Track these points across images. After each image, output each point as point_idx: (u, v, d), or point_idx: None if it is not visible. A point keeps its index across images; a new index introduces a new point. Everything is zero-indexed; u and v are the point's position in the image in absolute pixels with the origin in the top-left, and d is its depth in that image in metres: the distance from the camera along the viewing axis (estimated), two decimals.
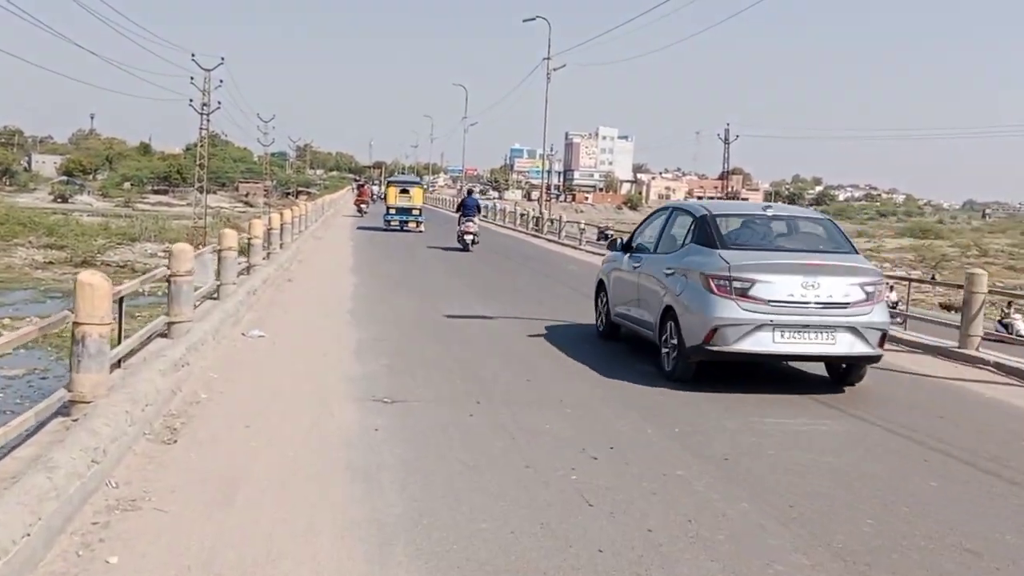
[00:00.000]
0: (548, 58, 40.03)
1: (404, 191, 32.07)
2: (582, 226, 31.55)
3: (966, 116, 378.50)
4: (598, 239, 30.60)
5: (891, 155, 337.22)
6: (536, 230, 37.40)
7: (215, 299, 11.15)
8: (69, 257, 35.45)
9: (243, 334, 9.86)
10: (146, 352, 7.49)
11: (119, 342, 6.93)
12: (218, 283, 11.25)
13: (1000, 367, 9.93)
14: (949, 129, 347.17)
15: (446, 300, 14.22)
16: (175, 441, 5.71)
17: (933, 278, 32.28)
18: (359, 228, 33.04)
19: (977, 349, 10.51)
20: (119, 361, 6.80)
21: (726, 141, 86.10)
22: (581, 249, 28.02)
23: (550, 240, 33.37)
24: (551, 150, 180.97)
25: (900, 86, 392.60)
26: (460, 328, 11.25)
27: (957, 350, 10.66)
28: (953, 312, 36.53)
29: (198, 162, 62.34)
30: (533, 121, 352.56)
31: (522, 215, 43.54)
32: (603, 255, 14.21)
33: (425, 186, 44.46)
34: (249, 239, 14.32)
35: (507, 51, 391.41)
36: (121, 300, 6.98)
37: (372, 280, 16.43)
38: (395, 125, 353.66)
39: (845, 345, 8.02)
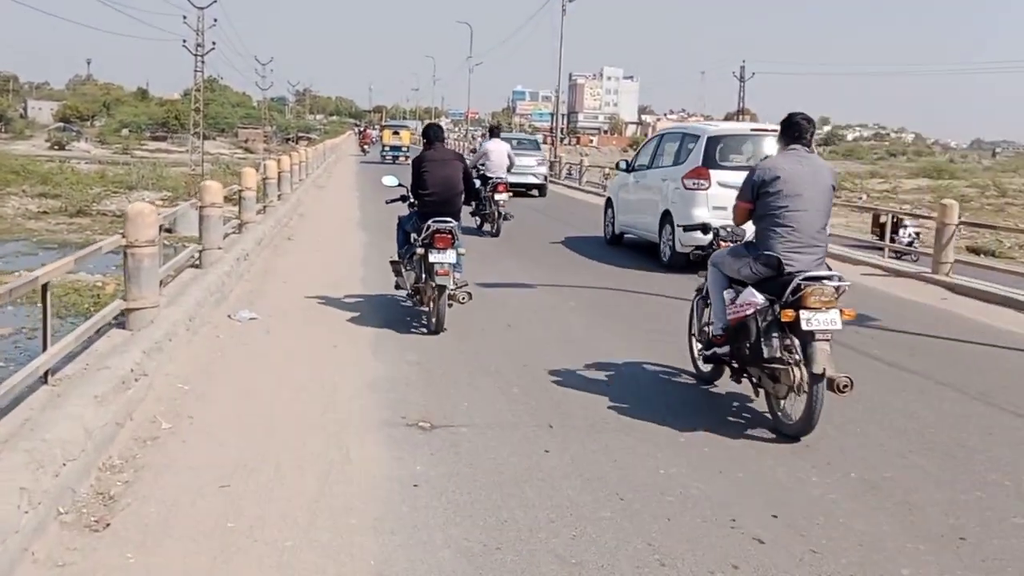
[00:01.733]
0: None
1: (396, 133, 40.77)
2: (606, 171, 28.88)
3: (973, 53, 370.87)
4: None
5: (899, 94, 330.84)
6: (552, 176, 35.05)
7: (197, 267, 9.06)
8: (64, 207, 33.78)
9: (229, 316, 7.75)
10: (89, 358, 5.39)
11: (43, 347, 4.85)
12: (200, 248, 9.13)
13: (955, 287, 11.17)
14: (956, 65, 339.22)
15: (471, 262, 12.11)
16: (105, 526, 3.65)
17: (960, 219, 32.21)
18: (362, 163, 34.77)
19: (948, 274, 11.55)
20: (45, 375, 4.73)
21: (741, 79, 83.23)
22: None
23: (569, 187, 31.05)
24: (556, 92, 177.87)
25: (908, 23, 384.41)
26: (498, 302, 9.12)
27: (930, 275, 11.83)
28: (981, 256, 34.73)
29: (193, 106, 59.81)
30: (536, 63, 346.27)
31: None
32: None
33: (413, 129, 48.17)
34: (240, 191, 12.14)
35: None
36: (45, 288, 4.89)
37: (384, 238, 14.28)
38: (396, 68, 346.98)
39: None
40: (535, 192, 24.93)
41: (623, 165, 14.40)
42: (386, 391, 5.81)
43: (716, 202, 10.83)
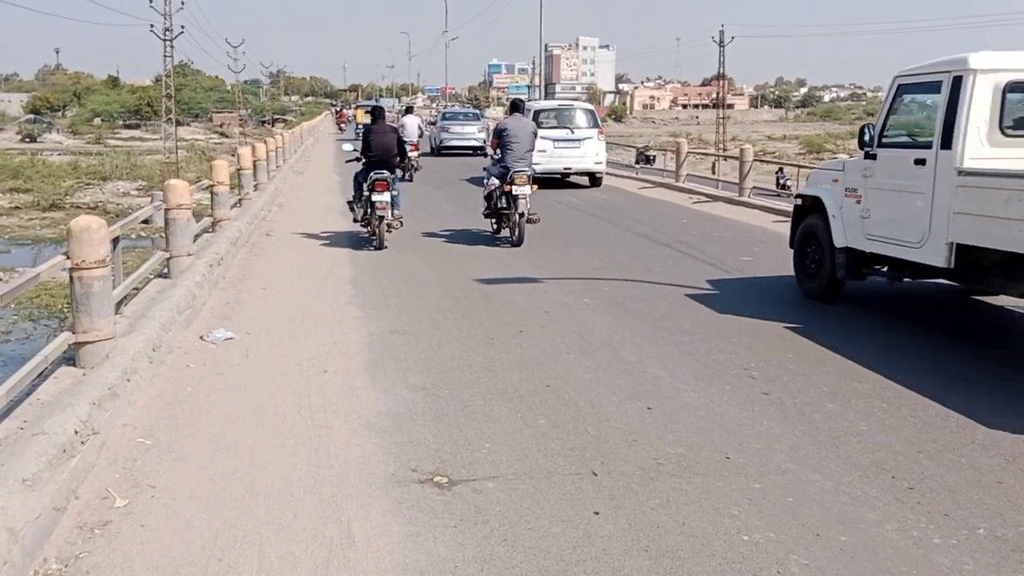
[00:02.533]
0: None
1: (368, 112, 40.67)
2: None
3: (944, 8, 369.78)
4: (637, 162, 25.45)
5: (873, 53, 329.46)
6: None
7: (165, 276, 8.06)
8: (36, 201, 32.67)
9: (202, 338, 6.75)
10: (28, 410, 4.40)
11: None
12: (167, 255, 8.11)
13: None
14: (929, 21, 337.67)
15: (464, 252, 11.15)
16: None
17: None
18: (339, 141, 32.33)
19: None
20: None
21: (721, 44, 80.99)
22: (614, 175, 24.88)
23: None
24: (533, 64, 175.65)
25: None
26: (502, 301, 8.18)
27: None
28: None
29: (164, 93, 58.22)
30: (511, 35, 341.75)
31: None
32: (647, 182, 21.01)
33: (389, 107, 52.11)
34: (211, 186, 11.09)
35: None
36: None
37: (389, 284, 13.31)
38: (370, 45, 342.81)
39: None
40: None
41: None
42: (389, 431, 4.86)
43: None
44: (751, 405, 5.31)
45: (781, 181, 22.96)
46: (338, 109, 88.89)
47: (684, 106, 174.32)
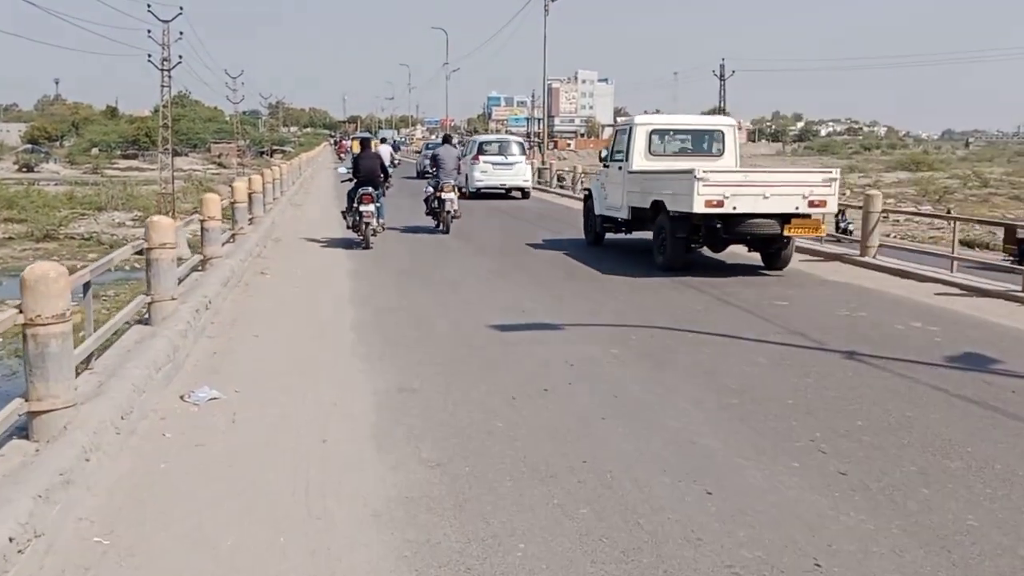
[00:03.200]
0: None
1: (359, 142, 44.31)
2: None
3: (940, 43, 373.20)
4: None
5: (869, 88, 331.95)
6: (540, 183, 33.25)
7: (145, 323, 7.24)
8: (30, 231, 32.55)
9: (183, 398, 5.90)
10: None
11: None
12: (148, 300, 7.29)
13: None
14: (924, 56, 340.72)
15: (475, 291, 10.36)
16: None
17: (948, 211, 31.93)
18: (338, 171, 33.40)
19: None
20: None
21: (721, 78, 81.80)
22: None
23: (563, 195, 29.25)
24: (532, 97, 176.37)
25: (877, 15, 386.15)
26: (523, 352, 7.36)
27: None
28: (976, 249, 33.40)
29: (161, 123, 57.79)
30: (510, 68, 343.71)
31: None
32: None
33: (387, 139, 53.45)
34: (202, 221, 10.30)
35: None
36: None
37: (372, 264, 12.48)
38: (370, 77, 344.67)
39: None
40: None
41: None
42: (402, 525, 4.01)
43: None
44: (829, 489, 4.48)
45: (842, 225, 19.57)
46: (337, 140, 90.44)
47: None
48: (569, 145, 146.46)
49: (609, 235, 14.70)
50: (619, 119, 22.47)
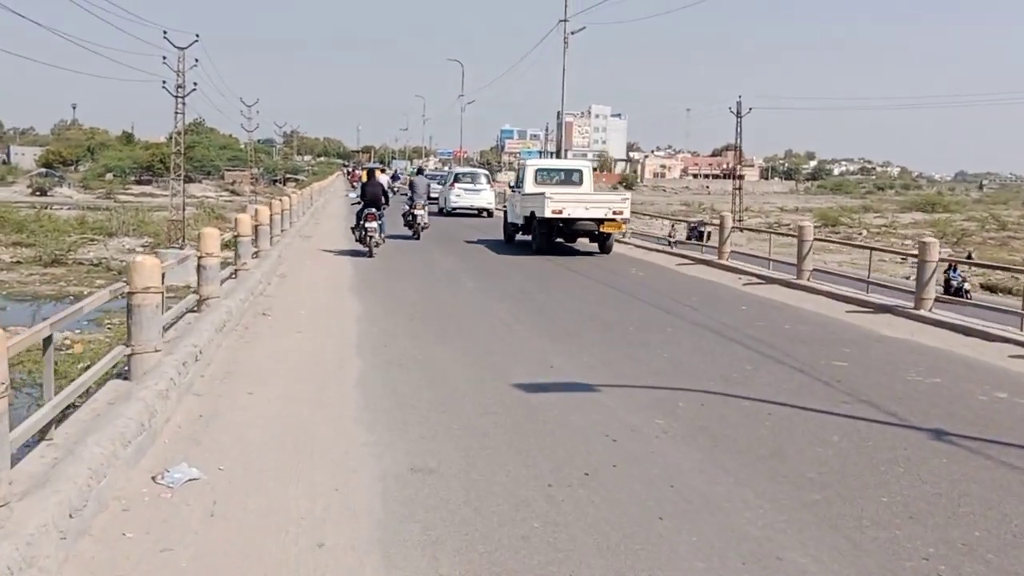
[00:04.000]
0: (565, 20, 34.90)
1: (367, 171, 45.89)
2: (657, 222, 25.96)
3: (954, 85, 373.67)
4: (689, 238, 24.35)
5: (883, 128, 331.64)
6: None
7: (125, 378, 6.29)
8: (38, 256, 32.04)
9: (155, 479, 4.92)
10: None
11: None
12: (128, 351, 6.34)
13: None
14: (938, 98, 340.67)
15: (499, 341, 9.38)
16: None
17: (969, 256, 32.82)
18: (352, 201, 35.19)
19: (930, 310, 11.61)
20: None
21: (738, 115, 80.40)
22: (645, 248, 23.22)
23: None
24: (546, 130, 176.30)
25: (889, 58, 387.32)
26: (554, 422, 6.35)
27: (794, 280, 14.20)
28: (999, 294, 32.22)
29: (173, 149, 57.34)
30: (523, 101, 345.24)
31: None
32: (686, 258, 19.19)
33: (382, 168, 58.23)
34: (200, 259, 9.37)
35: (500, 28, 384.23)
36: None
37: (384, 310, 11.52)
38: (384, 107, 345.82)
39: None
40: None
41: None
42: None
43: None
44: None
45: (954, 283, 19.15)
46: (351, 169, 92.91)
47: (695, 175, 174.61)
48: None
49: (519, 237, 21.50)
50: (521, 160, 33.44)
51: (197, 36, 56.36)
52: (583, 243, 20.00)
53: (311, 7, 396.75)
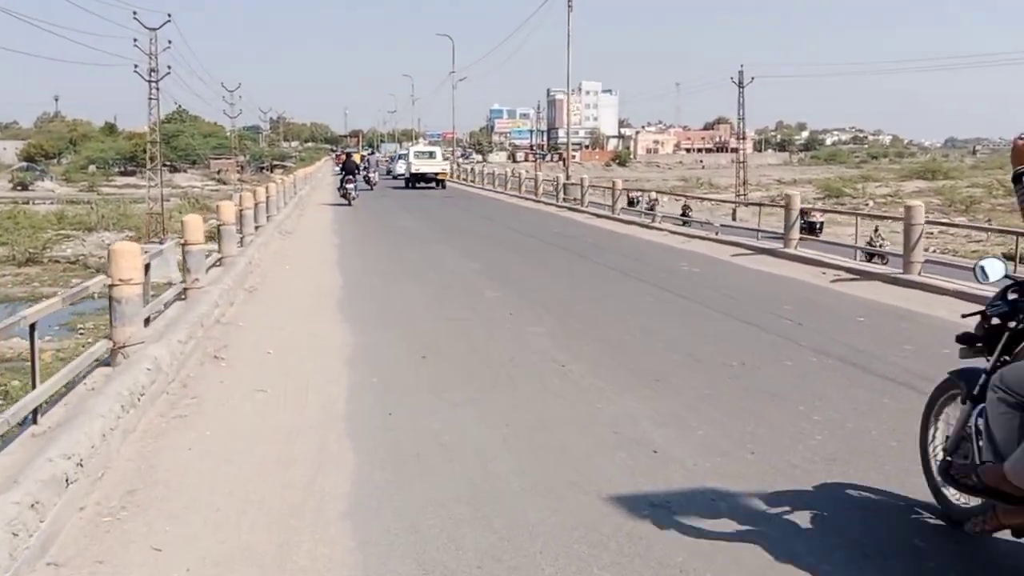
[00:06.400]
0: None
1: (349, 156, 48.15)
2: (654, 198, 22.90)
3: (939, 47, 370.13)
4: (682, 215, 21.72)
5: (874, 97, 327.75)
6: (567, 201, 29.29)
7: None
8: (11, 255, 30.36)
9: None
10: None
11: None
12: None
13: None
14: (925, 62, 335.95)
15: (525, 371, 6.37)
16: None
17: (989, 221, 34.04)
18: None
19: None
20: None
21: (740, 85, 77.19)
22: (660, 229, 20.16)
23: (598, 215, 25.26)
24: (537, 109, 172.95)
25: (875, 22, 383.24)
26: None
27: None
28: None
29: (150, 137, 54.00)
30: (512, 81, 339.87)
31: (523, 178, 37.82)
32: (740, 246, 15.98)
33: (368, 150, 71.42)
34: (111, 287, 6.33)
35: (489, 3, 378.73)
36: None
37: (384, 344, 8.51)
38: (372, 89, 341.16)
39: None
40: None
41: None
42: None
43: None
44: None
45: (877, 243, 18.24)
46: (337, 153, 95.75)
47: (688, 150, 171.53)
48: (575, 157, 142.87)
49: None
50: (406, 148, 56.01)
51: (169, 16, 53.05)
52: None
53: None
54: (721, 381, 6.70)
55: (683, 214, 23.86)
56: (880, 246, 17.20)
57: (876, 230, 19.29)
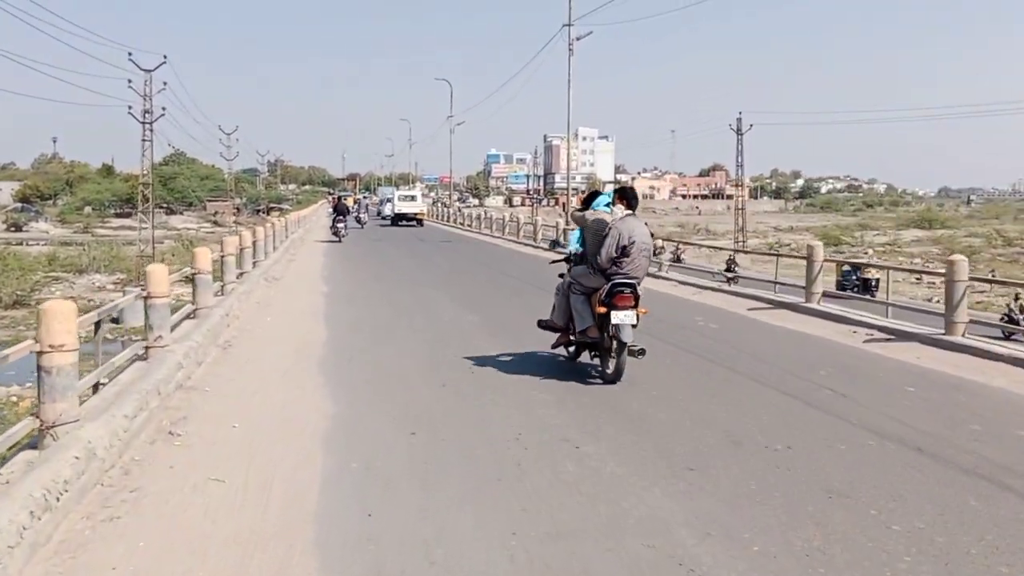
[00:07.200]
0: (569, 24, 31.12)
1: (340, 199, 49.22)
2: (660, 246, 21.80)
3: (933, 99, 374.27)
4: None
5: (867, 145, 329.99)
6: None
7: None
8: None
9: None
10: None
11: None
12: None
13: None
14: (919, 112, 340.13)
15: (535, 453, 5.29)
16: None
17: (992, 273, 31.15)
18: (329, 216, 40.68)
19: (964, 335, 10.23)
20: None
21: (739, 132, 76.96)
22: (667, 279, 19.20)
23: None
24: (534, 154, 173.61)
25: (869, 73, 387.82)
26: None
27: (943, 337, 10.32)
28: None
29: (142, 179, 53.20)
30: (508, 126, 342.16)
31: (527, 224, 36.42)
32: (756, 299, 14.79)
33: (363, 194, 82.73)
34: (41, 354, 5.28)
35: (486, 50, 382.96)
36: None
37: (366, 408, 7.43)
38: (370, 133, 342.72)
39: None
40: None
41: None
42: None
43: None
44: None
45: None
46: (337, 197, 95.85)
47: (683, 196, 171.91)
48: (572, 202, 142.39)
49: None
50: (391, 193, 60.76)
51: (165, 58, 52.88)
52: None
53: (290, 30, 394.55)
54: (768, 471, 5.62)
55: (728, 269, 22.41)
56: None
57: (1017, 297, 16.74)
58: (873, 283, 17.87)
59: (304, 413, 7.10)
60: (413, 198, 52.71)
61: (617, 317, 7.89)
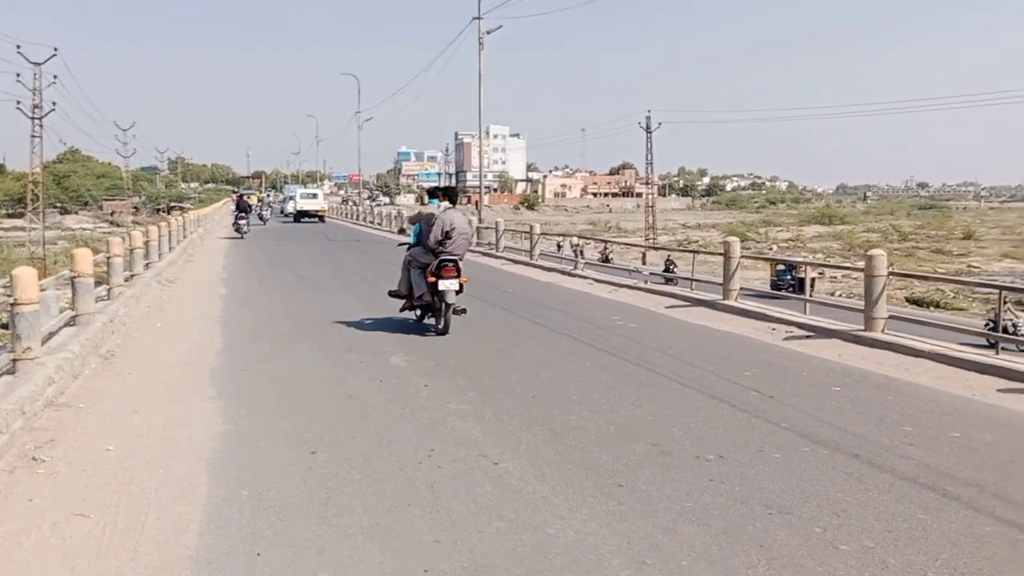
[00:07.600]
0: (479, 18, 30.54)
1: (242, 197, 47.82)
2: (576, 243, 21.45)
3: (835, 99, 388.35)
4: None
5: (768, 144, 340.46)
6: (480, 246, 27.85)
7: None
8: None
9: None
10: None
11: None
12: None
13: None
14: (815, 108, 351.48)
15: (449, 473, 4.74)
16: None
17: (891, 265, 30.88)
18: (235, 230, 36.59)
19: (883, 331, 10.05)
20: None
21: (648, 130, 78.08)
22: (583, 277, 18.79)
23: (515, 261, 23.83)
24: (445, 151, 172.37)
25: (768, 76, 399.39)
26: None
27: (863, 333, 10.16)
28: (931, 309, 29.24)
29: (31, 178, 50.51)
30: (420, 124, 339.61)
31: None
32: (672, 296, 14.77)
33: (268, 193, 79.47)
34: None
35: (395, 46, 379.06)
36: None
37: (260, 425, 6.74)
38: (275, 130, 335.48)
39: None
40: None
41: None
42: None
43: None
44: None
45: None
46: (239, 195, 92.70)
47: (594, 194, 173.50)
48: (483, 200, 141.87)
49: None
50: (292, 191, 68.08)
51: (56, 50, 50.20)
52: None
53: (191, 24, 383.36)
54: (702, 486, 5.18)
55: (666, 269, 22.12)
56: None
57: (1005, 301, 15.79)
58: (810, 282, 17.55)
59: (190, 432, 6.36)
60: (315, 196, 56.78)
61: (443, 284, 10.48)
